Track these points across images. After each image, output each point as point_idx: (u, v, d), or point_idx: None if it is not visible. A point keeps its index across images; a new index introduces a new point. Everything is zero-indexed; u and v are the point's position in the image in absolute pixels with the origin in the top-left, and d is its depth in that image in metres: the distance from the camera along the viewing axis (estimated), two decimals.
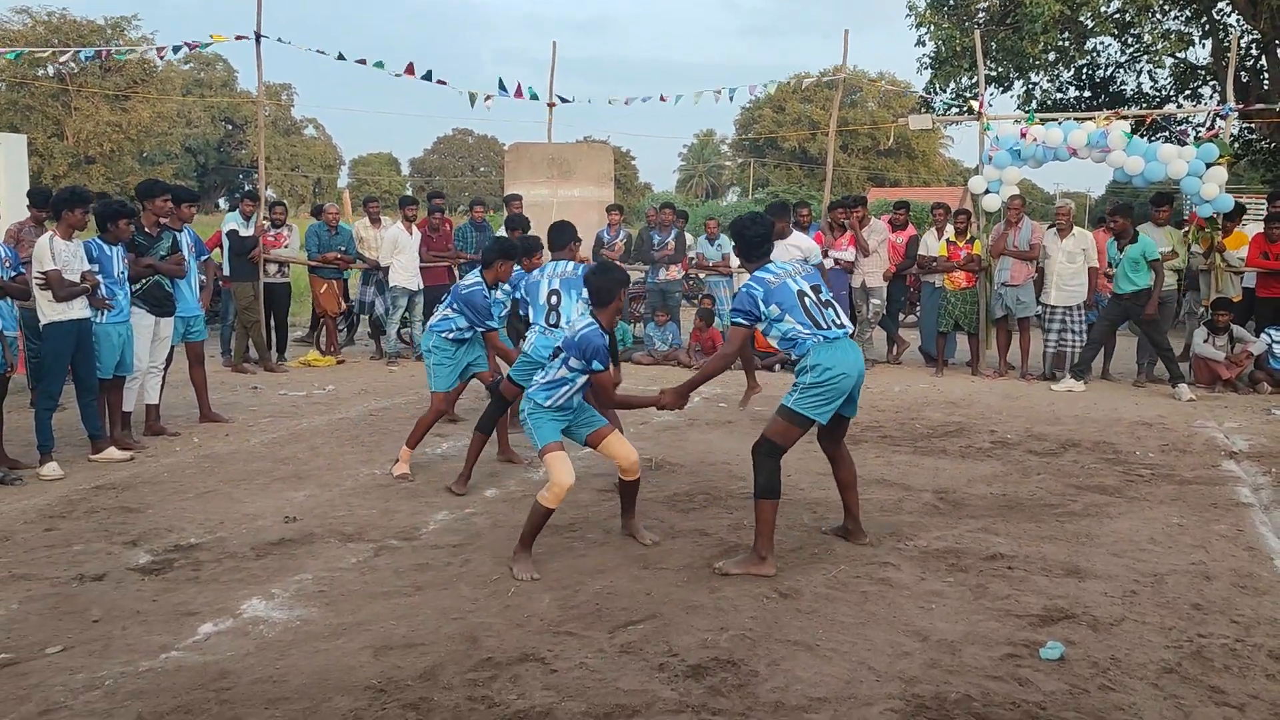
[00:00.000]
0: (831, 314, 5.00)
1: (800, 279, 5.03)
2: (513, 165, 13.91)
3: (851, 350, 4.99)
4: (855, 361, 4.97)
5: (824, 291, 5.08)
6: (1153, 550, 5.36)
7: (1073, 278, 10.57)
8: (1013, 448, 7.78)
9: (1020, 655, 4.02)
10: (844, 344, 4.97)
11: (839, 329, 4.98)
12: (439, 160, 78.08)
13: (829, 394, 4.90)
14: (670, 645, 4.08)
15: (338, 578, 4.93)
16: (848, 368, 4.90)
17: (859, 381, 5.02)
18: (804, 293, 4.96)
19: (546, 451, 5.00)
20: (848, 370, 4.91)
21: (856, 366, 4.96)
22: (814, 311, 4.92)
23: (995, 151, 11.42)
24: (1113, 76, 20.94)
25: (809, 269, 5.24)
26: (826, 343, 4.90)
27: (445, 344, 6.82)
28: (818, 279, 5.16)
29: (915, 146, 61.28)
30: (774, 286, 4.96)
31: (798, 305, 4.91)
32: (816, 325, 4.90)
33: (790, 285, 4.97)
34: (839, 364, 4.88)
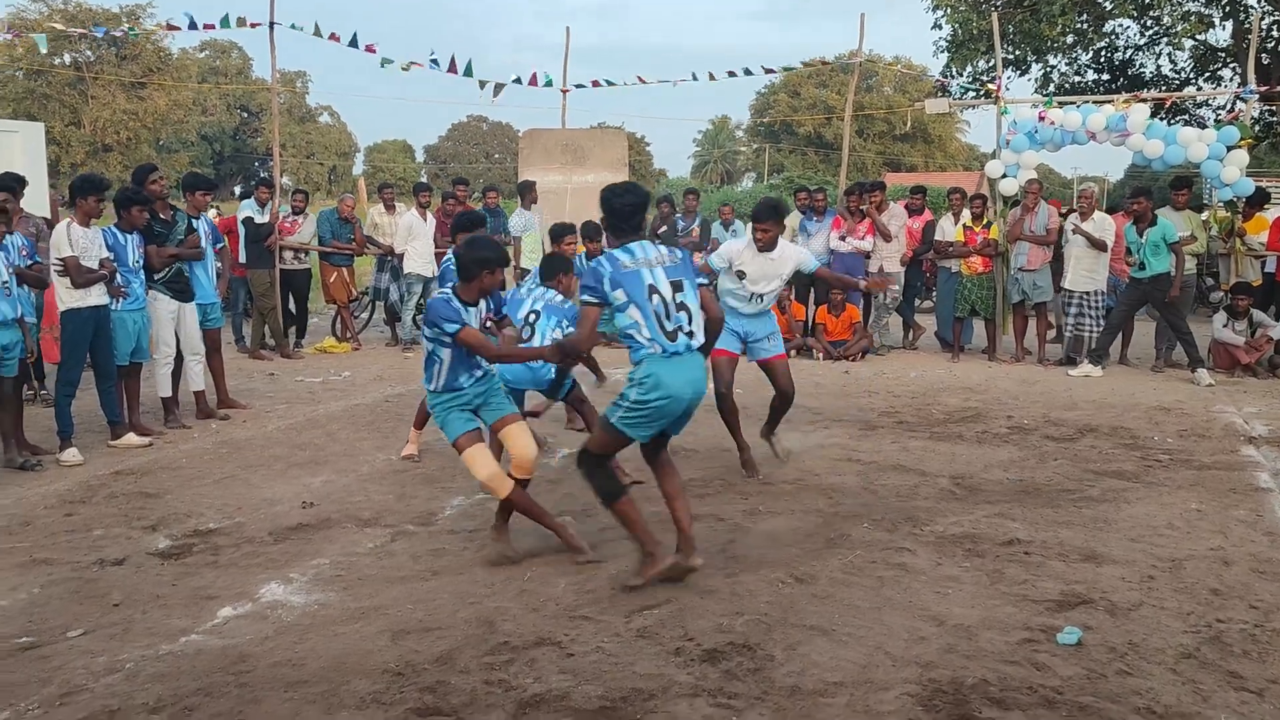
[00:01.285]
0: (683, 319, 4.42)
1: (659, 270, 4.42)
2: (527, 151, 13.89)
3: (690, 369, 4.43)
4: (691, 383, 4.42)
5: (685, 290, 4.47)
6: (1171, 535, 5.33)
7: (1093, 262, 10.49)
8: (1029, 433, 7.75)
9: (1037, 640, 4.01)
10: (683, 361, 4.40)
11: (685, 340, 4.42)
12: (453, 147, 78.04)
13: (651, 415, 4.41)
14: (686, 629, 4.09)
15: (355, 562, 4.96)
16: (679, 390, 4.37)
17: (693, 404, 4.49)
18: (656, 288, 4.38)
19: (458, 447, 4.82)
20: (678, 393, 4.37)
21: (692, 388, 4.43)
22: (659, 314, 4.36)
23: (1013, 135, 11.34)
24: (1131, 59, 20.76)
25: (678, 259, 4.55)
26: (664, 357, 4.37)
27: None
28: (683, 273, 4.51)
29: (931, 131, 60.90)
30: (624, 270, 4.39)
31: (645, 302, 4.36)
32: (660, 331, 4.37)
33: (643, 275, 4.39)
34: (669, 385, 4.35)
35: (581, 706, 3.47)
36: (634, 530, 4.53)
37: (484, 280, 4.85)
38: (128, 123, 45.67)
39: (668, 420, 4.49)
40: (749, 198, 32.78)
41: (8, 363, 6.65)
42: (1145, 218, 9.97)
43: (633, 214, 4.58)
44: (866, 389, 9.61)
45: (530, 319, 6.28)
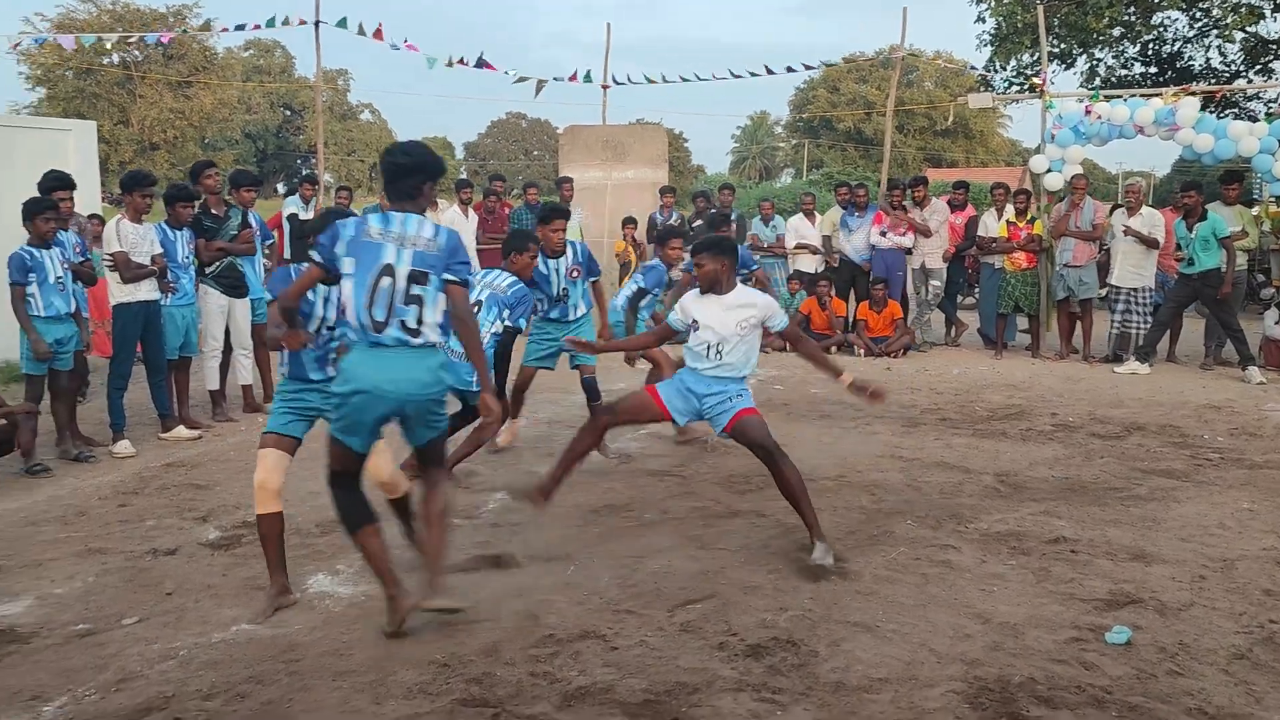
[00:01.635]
0: (409, 316, 3.81)
1: (407, 253, 3.82)
2: (567, 148, 13.94)
3: (399, 365, 3.81)
4: (397, 379, 3.79)
5: (429, 283, 3.85)
6: (1222, 535, 5.25)
7: (1141, 258, 10.34)
8: (1075, 430, 7.66)
9: (1085, 639, 3.97)
10: (391, 354, 3.81)
11: (398, 334, 3.81)
12: (493, 144, 78.39)
13: (349, 414, 3.86)
14: (729, 624, 4.09)
15: (400, 555, 4.99)
16: (376, 384, 3.78)
17: (411, 405, 3.85)
18: (391, 269, 3.80)
19: (262, 441, 4.38)
20: (374, 387, 3.78)
21: (399, 386, 3.80)
22: (380, 300, 3.78)
23: (1058, 130, 11.21)
24: (1180, 51, 20.41)
25: (439, 243, 3.89)
26: (367, 348, 3.83)
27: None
28: (432, 262, 3.86)
29: (973, 126, 60.19)
30: (364, 241, 3.82)
31: (366, 278, 3.79)
32: (373, 319, 3.79)
33: (383, 252, 3.81)
34: (365, 378, 3.79)
35: (626, 700, 3.49)
36: (374, 567, 3.99)
37: None
38: (174, 121, 46.34)
39: (368, 424, 3.88)
40: (788, 193, 32.65)
41: (63, 356, 6.79)
42: (1195, 212, 9.81)
43: (400, 175, 3.95)
44: (909, 386, 9.54)
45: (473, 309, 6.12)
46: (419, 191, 3.99)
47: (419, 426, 4.01)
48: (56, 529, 5.42)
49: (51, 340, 6.62)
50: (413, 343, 3.84)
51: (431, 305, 3.87)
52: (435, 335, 3.89)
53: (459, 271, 3.93)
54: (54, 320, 6.68)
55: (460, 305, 3.93)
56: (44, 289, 6.62)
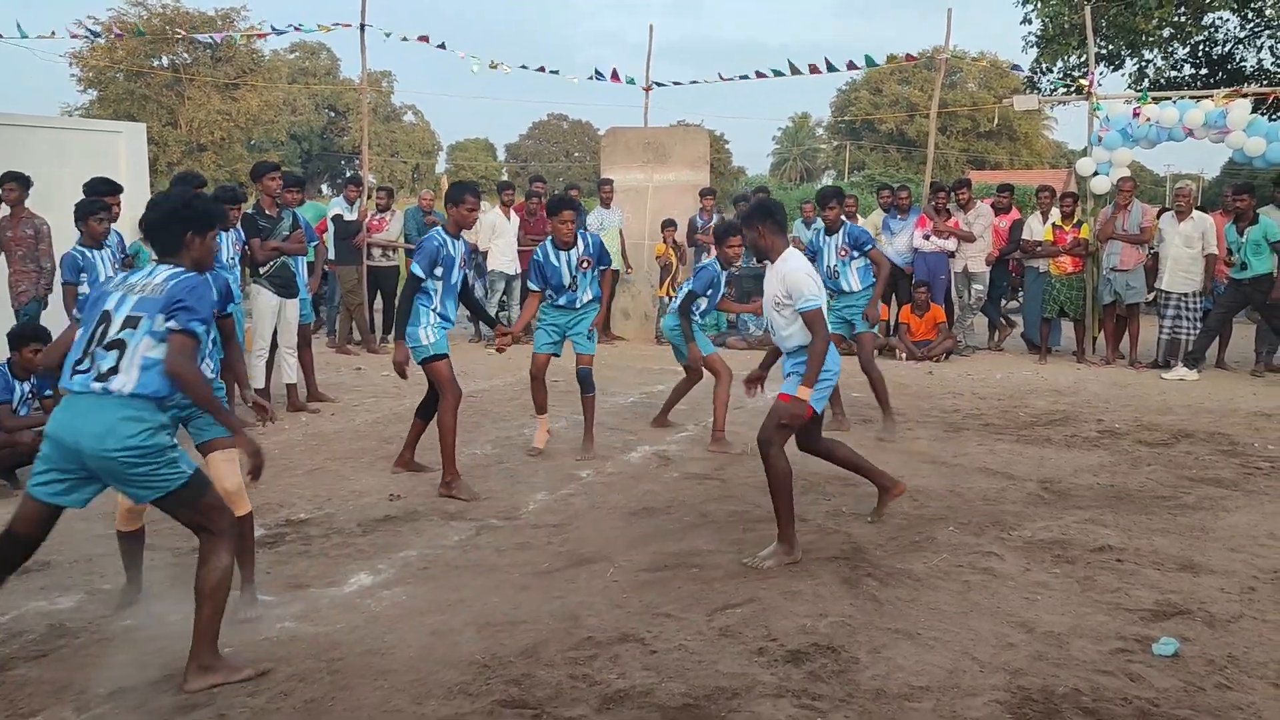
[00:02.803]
0: (109, 362, 3.47)
1: (131, 298, 3.56)
2: (609, 150, 13.95)
3: (78, 413, 3.45)
4: (72, 426, 3.44)
5: (137, 329, 3.50)
6: (1273, 546, 5.15)
7: (1191, 263, 10.16)
8: (1121, 437, 7.55)
9: (1131, 650, 3.91)
10: (74, 403, 3.49)
11: (84, 379, 3.48)
12: (534, 145, 78.65)
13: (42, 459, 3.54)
14: (769, 630, 4.07)
15: (441, 555, 5.04)
16: (57, 432, 3.46)
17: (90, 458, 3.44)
18: (109, 318, 3.54)
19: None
20: (57, 435, 3.47)
21: (73, 434, 3.43)
22: (90, 344, 3.52)
23: (1105, 132, 11.05)
24: (1231, 53, 20.04)
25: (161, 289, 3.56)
26: (66, 394, 3.54)
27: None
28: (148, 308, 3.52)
29: (1017, 128, 59.52)
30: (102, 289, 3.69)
31: (91, 324, 3.57)
32: (73, 364, 3.53)
33: (106, 299, 3.60)
34: (53, 423, 3.50)
35: (665, 704, 3.48)
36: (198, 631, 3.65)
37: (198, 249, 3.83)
38: (221, 123, 46.95)
39: (55, 468, 3.52)
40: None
41: None
42: (1246, 216, 9.63)
43: (153, 231, 3.78)
44: (951, 390, 9.45)
45: None
46: (176, 240, 3.75)
47: (117, 485, 3.59)
48: (106, 525, 5.49)
49: None
50: (93, 388, 3.47)
51: (135, 350, 3.49)
52: (128, 383, 3.47)
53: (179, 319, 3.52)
54: None
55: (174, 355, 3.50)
56: (95, 289, 6.73)
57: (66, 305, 6.68)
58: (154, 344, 3.51)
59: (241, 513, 4.24)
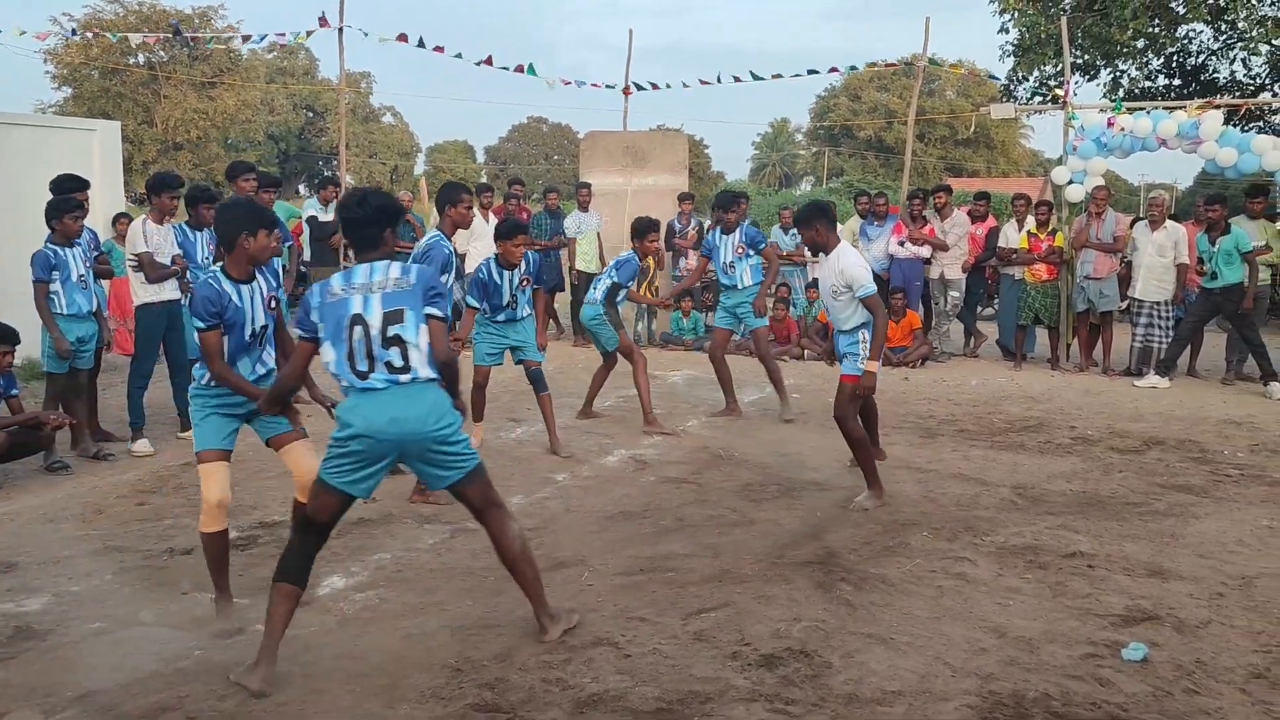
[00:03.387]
0: (392, 356, 3.70)
1: (375, 298, 3.74)
2: (588, 153, 13.96)
3: (395, 405, 3.69)
4: (396, 419, 3.67)
5: (405, 321, 3.73)
6: (1241, 552, 5.20)
7: (1163, 271, 10.27)
8: (1094, 444, 7.61)
9: (1101, 655, 3.95)
10: (385, 396, 3.70)
11: (388, 376, 3.71)
12: (514, 148, 78.51)
13: (348, 458, 3.70)
14: (743, 634, 4.08)
15: (415, 558, 5.03)
16: (374, 427, 3.66)
17: (411, 445, 3.72)
18: (362, 318, 3.71)
19: (200, 458, 4.23)
20: (372, 430, 3.66)
21: (397, 425, 3.67)
22: (358, 349, 3.70)
23: (1080, 141, 11.15)
24: (1205, 64, 20.27)
25: (409, 281, 3.81)
26: (358, 393, 3.73)
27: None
28: (406, 299, 3.76)
29: (994, 136, 59.97)
30: (329, 302, 3.78)
31: (341, 334, 3.72)
32: (354, 369, 3.72)
33: (349, 305, 3.74)
34: (361, 421, 3.67)
35: (638, 708, 3.48)
36: (269, 625, 3.72)
37: (247, 246, 4.20)
38: (198, 121, 46.59)
39: (371, 465, 3.74)
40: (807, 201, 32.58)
41: (84, 354, 6.85)
42: (1219, 226, 9.74)
43: (363, 226, 3.92)
44: (926, 396, 9.50)
45: None
46: (380, 238, 3.93)
47: (430, 468, 3.84)
48: (75, 526, 5.46)
49: (73, 338, 6.68)
50: (399, 380, 3.70)
51: (415, 340, 3.73)
52: (425, 370, 3.74)
53: (437, 305, 3.83)
54: (76, 318, 6.74)
55: (439, 339, 3.79)
56: (67, 287, 6.68)
57: (38, 303, 6.61)
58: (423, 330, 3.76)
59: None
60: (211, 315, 4.14)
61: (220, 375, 4.19)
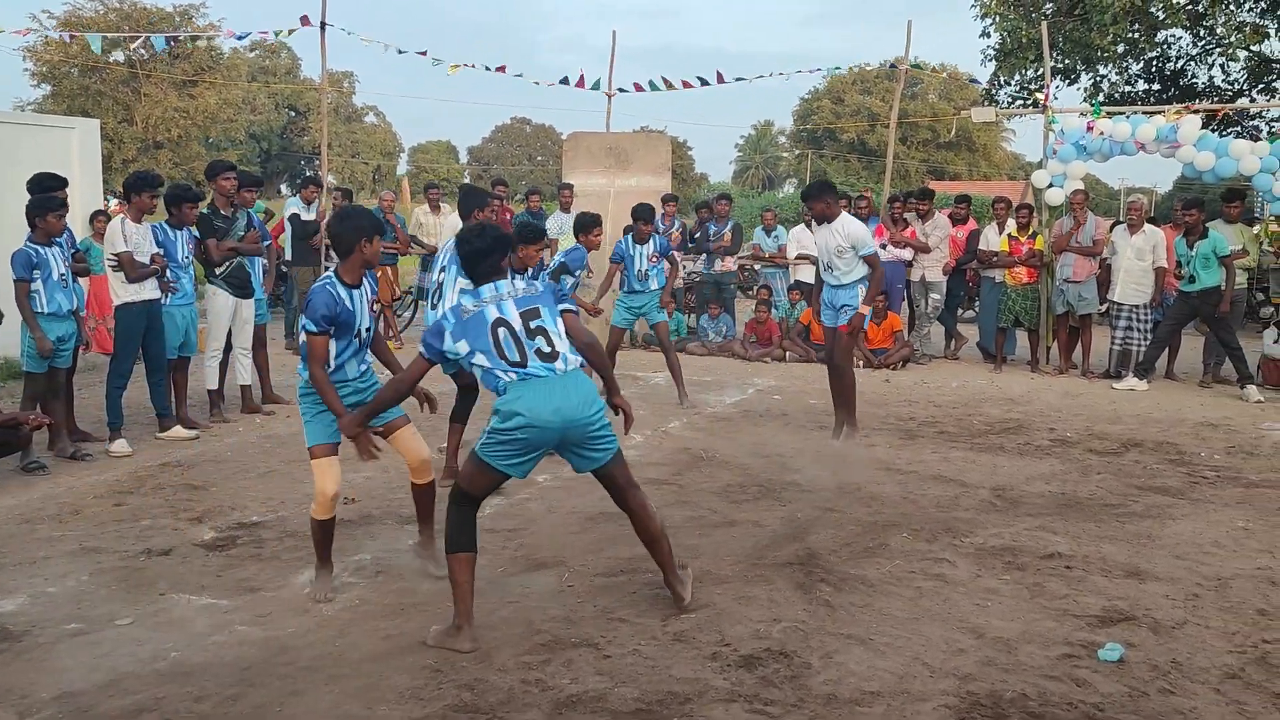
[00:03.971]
0: (540, 344, 4.05)
1: (508, 304, 4.11)
2: (571, 154, 13.94)
3: (556, 394, 4.01)
4: (558, 408, 3.99)
5: (543, 316, 4.12)
6: (1217, 554, 5.25)
7: (1142, 275, 10.34)
8: (1072, 446, 7.66)
9: (1078, 656, 3.97)
10: (546, 384, 4.01)
11: (545, 364, 4.04)
12: (497, 149, 78.46)
13: (513, 444, 4.00)
14: (723, 635, 4.09)
15: (395, 559, 5.02)
16: (539, 417, 3.96)
17: (570, 431, 4.03)
18: (503, 321, 4.06)
19: (312, 455, 4.44)
20: (537, 420, 3.95)
21: (559, 414, 3.98)
22: (507, 345, 4.03)
23: (1060, 145, 11.22)
24: (1183, 69, 20.44)
25: (536, 289, 4.24)
26: (520, 382, 4.01)
27: None
28: (538, 300, 4.17)
29: (976, 139, 60.32)
30: (466, 319, 4.09)
31: (487, 338, 4.04)
32: (508, 361, 4.02)
33: (485, 315, 4.08)
34: (528, 409, 3.96)
35: (618, 709, 3.48)
36: (455, 593, 4.03)
37: (364, 251, 4.42)
38: (178, 120, 46.32)
39: (535, 450, 4.05)
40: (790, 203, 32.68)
41: (63, 354, 6.80)
42: (1196, 230, 9.82)
43: (480, 259, 4.22)
44: (907, 398, 9.54)
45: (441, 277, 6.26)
46: (496, 265, 4.25)
47: (581, 452, 4.13)
48: (51, 527, 5.42)
49: (54, 338, 6.63)
50: (558, 369, 4.05)
51: (556, 333, 4.13)
52: (570, 359, 4.12)
53: (567, 301, 4.35)
54: (57, 317, 6.69)
55: (576, 329, 4.24)
56: (48, 285, 6.63)
57: (19, 302, 6.55)
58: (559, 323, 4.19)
59: (426, 481, 4.78)
60: (325, 321, 4.31)
61: (318, 380, 4.36)
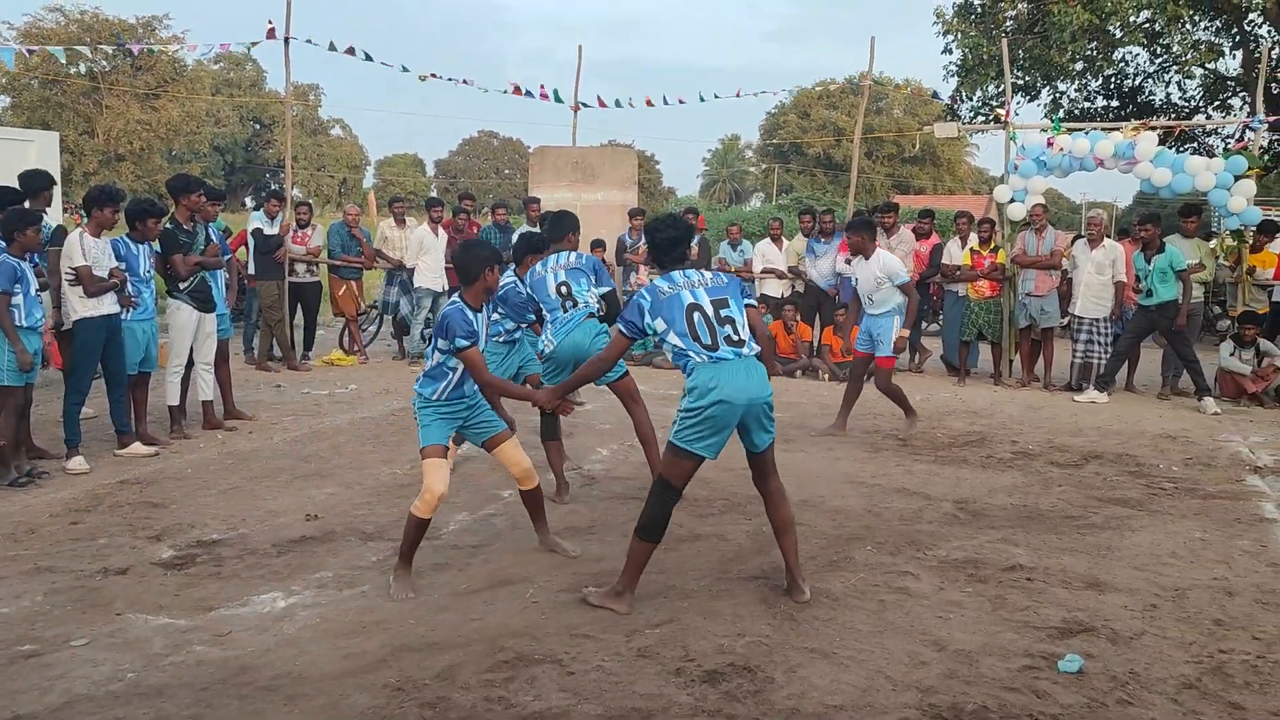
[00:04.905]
0: (729, 331, 4.45)
1: (700, 291, 4.52)
2: (537, 168, 13.96)
3: (741, 375, 4.41)
4: (744, 387, 4.39)
5: (731, 306, 4.52)
6: (1174, 564, 5.32)
7: (1102, 289, 10.49)
8: (1034, 459, 7.74)
9: (1038, 667, 4.01)
10: (733, 366, 4.41)
11: (732, 349, 4.44)
12: (464, 162, 78.27)
13: (705, 423, 4.38)
14: (687, 650, 4.09)
15: (358, 576, 4.97)
16: (729, 394, 4.34)
17: (751, 409, 4.43)
18: (698, 306, 4.46)
19: (425, 454, 4.79)
20: (728, 396, 4.34)
21: (745, 393, 4.38)
22: (701, 329, 4.42)
23: (1021, 161, 11.37)
24: (1141, 86, 20.79)
25: (723, 280, 4.65)
26: (711, 363, 4.40)
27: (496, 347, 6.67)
28: (726, 291, 4.59)
29: (940, 154, 60.96)
30: (663, 299, 4.50)
31: (682, 320, 4.44)
32: (701, 344, 4.42)
33: (682, 298, 4.49)
34: (719, 389, 4.34)
35: None
36: (629, 567, 4.54)
37: (487, 279, 4.80)
38: (141, 133, 45.84)
39: (725, 429, 4.43)
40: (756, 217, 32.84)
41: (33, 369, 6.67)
42: (1153, 245, 9.97)
43: (672, 246, 4.71)
44: (871, 411, 9.59)
45: (563, 291, 6.38)
46: (685, 254, 4.73)
47: (757, 430, 4.51)
48: (5, 546, 5.32)
49: (31, 350, 6.51)
50: (742, 353, 4.44)
51: (742, 322, 4.52)
52: (754, 346, 4.53)
53: (748, 298, 4.69)
54: (34, 331, 6.59)
55: (757, 323, 4.69)
56: (27, 299, 6.52)
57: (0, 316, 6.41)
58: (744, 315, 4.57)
59: (532, 486, 5.13)
60: (472, 334, 4.68)
61: (492, 384, 4.83)
